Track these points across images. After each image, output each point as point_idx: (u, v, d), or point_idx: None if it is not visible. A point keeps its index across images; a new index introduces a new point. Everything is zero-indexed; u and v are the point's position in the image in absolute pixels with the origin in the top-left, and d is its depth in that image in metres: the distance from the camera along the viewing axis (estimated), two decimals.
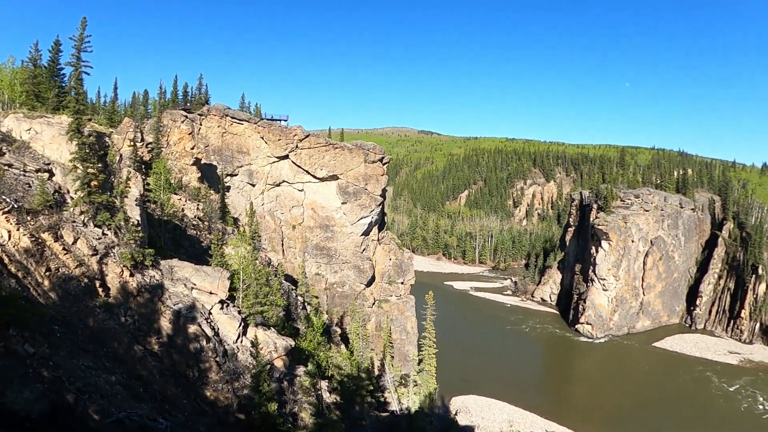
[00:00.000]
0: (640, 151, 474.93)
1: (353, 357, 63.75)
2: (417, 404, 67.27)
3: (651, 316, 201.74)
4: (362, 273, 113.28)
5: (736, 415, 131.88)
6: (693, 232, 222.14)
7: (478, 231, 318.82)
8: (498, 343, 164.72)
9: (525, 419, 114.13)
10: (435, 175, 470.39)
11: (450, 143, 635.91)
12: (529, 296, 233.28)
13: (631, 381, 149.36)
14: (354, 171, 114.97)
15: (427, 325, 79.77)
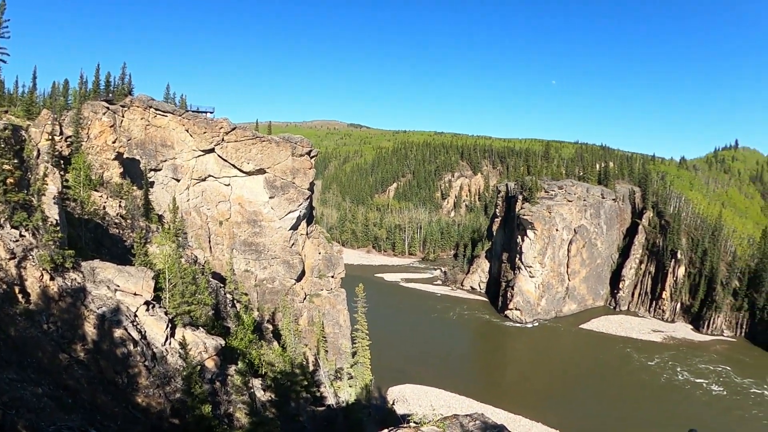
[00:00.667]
0: (564, 145, 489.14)
1: (286, 353, 62.77)
2: (353, 397, 67.17)
3: (577, 300, 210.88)
4: (292, 268, 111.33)
5: (657, 386, 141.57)
6: (614, 221, 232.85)
7: (407, 223, 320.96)
8: (431, 331, 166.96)
9: (461, 404, 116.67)
10: (364, 168, 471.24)
11: (379, 136, 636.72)
12: (458, 285, 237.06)
13: (559, 361, 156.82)
14: (281, 164, 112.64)
15: (359, 317, 79.64)
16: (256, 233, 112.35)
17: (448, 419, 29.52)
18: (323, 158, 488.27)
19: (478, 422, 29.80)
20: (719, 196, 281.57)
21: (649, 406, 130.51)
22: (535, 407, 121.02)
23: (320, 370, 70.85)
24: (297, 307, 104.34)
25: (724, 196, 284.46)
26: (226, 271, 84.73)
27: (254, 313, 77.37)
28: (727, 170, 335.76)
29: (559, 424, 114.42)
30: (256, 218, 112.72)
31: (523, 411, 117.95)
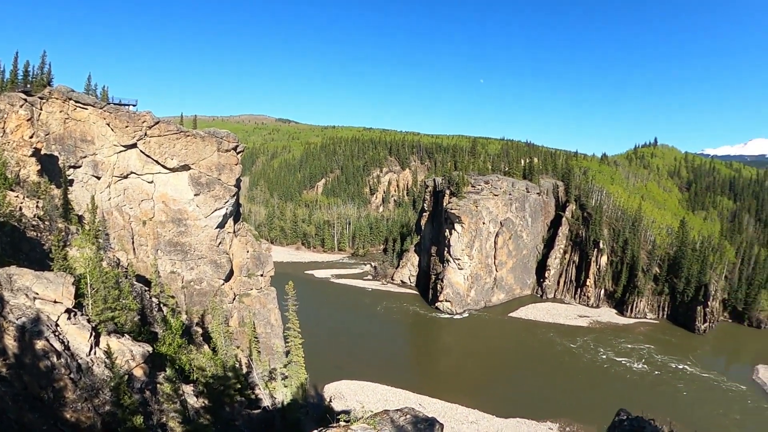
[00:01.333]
0: (490, 141, 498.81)
1: (217, 356, 60.53)
2: (289, 397, 65.85)
3: (505, 290, 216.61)
4: (220, 268, 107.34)
5: (585, 368, 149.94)
6: (539, 214, 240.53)
7: (336, 219, 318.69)
8: (364, 327, 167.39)
9: (398, 397, 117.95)
10: (292, 164, 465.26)
11: (308, 132, 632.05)
12: (389, 279, 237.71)
13: (491, 349, 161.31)
14: (207, 160, 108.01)
15: (290, 315, 78.13)
16: (182, 232, 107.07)
17: (379, 415, 29.29)
18: (251, 154, 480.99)
19: (408, 416, 29.67)
20: (639, 189, 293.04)
21: (580, 387, 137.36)
22: (470, 395, 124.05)
23: (254, 372, 69.06)
24: (227, 308, 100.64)
25: (643, 189, 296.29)
26: (150, 273, 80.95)
27: (182, 317, 74.54)
28: (646, 166, 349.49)
29: (495, 409, 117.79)
30: (181, 217, 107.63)
31: (459, 399, 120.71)
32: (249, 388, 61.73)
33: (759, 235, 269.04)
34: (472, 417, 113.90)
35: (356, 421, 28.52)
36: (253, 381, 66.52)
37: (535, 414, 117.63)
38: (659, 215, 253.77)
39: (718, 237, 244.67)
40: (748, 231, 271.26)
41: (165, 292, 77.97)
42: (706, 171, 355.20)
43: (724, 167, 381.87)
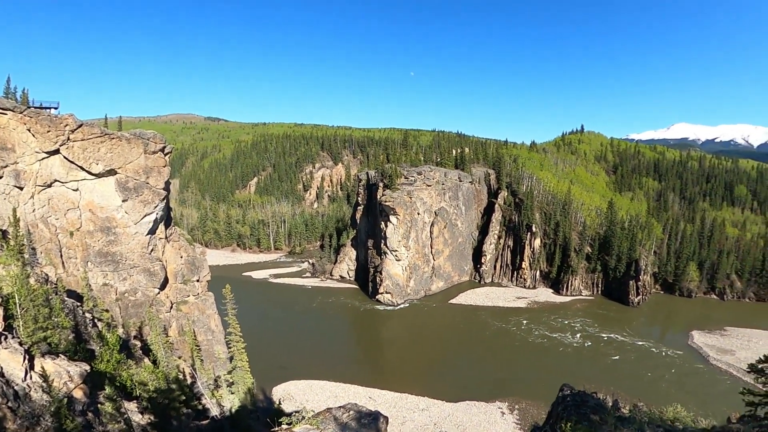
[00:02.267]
0: (422, 133, 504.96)
1: (159, 369, 58.36)
2: (237, 404, 64.41)
3: (443, 278, 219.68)
4: (154, 276, 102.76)
5: (528, 345, 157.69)
6: (472, 202, 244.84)
7: (270, 218, 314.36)
8: (307, 325, 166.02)
9: (347, 392, 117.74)
10: (223, 163, 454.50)
11: (238, 130, 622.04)
12: (327, 276, 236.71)
13: (435, 336, 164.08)
14: (133, 163, 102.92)
15: (230, 320, 76.30)
16: (111, 242, 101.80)
17: (321, 414, 28.94)
18: (180, 155, 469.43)
19: (352, 412, 29.39)
20: (568, 174, 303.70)
21: (525, 366, 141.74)
22: (419, 383, 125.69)
23: (198, 382, 67.16)
24: (164, 317, 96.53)
25: (572, 174, 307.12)
26: (82, 287, 77.22)
27: (119, 331, 71.47)
28: (574, 152, 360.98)
29: (444, 394, 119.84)
30: (109, 225, 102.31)
31: (408, 388, 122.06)
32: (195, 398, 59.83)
33: (684, 211, 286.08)
34: (422, 404, 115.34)
35: (299, 423, 28.01)
36: (198, 391, 64.65)
37: (484, 396, 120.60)
38: (588, 198, 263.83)
39: (645, 215, 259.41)
40: (673, 209, 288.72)
41: (98, 306, 74.49)
42: (632, 154, 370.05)
43: (648, 150, 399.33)
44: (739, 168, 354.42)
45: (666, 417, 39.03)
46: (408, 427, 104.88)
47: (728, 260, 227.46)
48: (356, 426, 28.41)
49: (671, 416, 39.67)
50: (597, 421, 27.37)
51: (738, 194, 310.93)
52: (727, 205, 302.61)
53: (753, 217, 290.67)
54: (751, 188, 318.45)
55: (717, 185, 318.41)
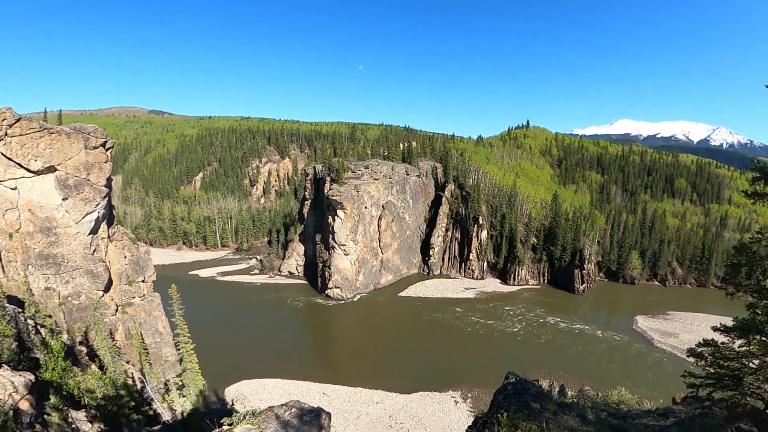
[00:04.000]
0: (369, 127, 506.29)
1: (106, 375, 56.83)
2: (189, 407, 63.30)
3: (392, 271, 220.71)
4: (97, 278, 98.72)
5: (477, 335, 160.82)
6: (420, 195, 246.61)
7: (216, 214, 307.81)
8: (257, 323, 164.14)
9: (300, 389, 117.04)
10: (167, 158, 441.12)
11: (183, 123, 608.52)
12: (276, 272, 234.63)
13: (386, 329, 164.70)
14: (74, 160, 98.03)
15: (177, 321, 74.98)
16: (53, 243, 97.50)
17: (263, 413, 28.83)
18: (122, 150, 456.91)
19: (294, 410, 29.35)
20: (513, 168, 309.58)
21: (475, 355, 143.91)
22: (372, 376, 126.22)
23: (147, 386, 65.64)
24: (110, 321, 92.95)
25: (517, 167, 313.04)
26: (23, 292, 74.38)
27: (63, 336, 69.00)
28: (519, 146, 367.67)
29: (398, 387, 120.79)
30: (50, 225, 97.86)
31: (362, 382, 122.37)
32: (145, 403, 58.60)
33: (626, 203, 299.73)
34: (376, 398, 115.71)
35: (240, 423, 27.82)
36: (148, 396, 63.31)
37: (437, 386, 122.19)
38: (533, 190, 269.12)
39: (588, 207, 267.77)
40: (615, 200, 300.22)
41: (41, 312, 71.77)
42: (575, 149, 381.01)
43: (592, 145, 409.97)
44: (679, 162, 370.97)
45: (611, 400, 40.26)
46: (363, 421, 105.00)
47: (669, 249, 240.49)
48: (298, 423, 28.40)
49: (616, 399, 40.74)
50: (537, 408, 27.64)
51: (678, 187, 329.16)
52: (667, 197, 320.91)
53: (692, 208, 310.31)
54: (690, 181, 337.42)
55: (658, 178, 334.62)
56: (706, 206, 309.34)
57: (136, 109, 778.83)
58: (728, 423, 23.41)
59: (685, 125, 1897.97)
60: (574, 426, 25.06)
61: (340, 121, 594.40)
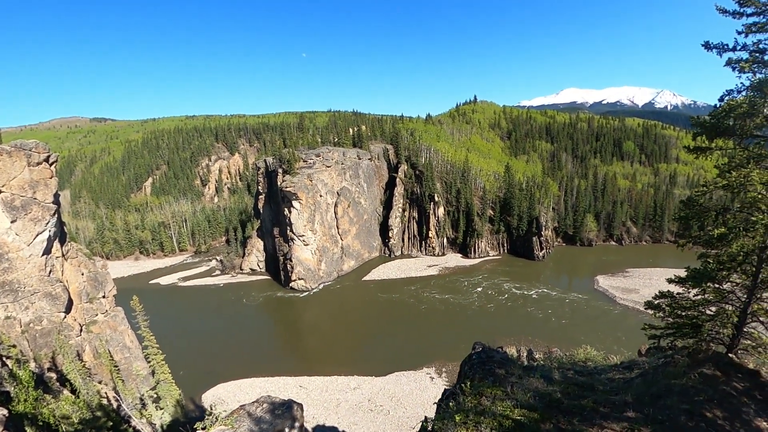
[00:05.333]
0: (317, 114, 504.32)
1: (80, 399, 56.07)
2: (168, 419, 62.79)
3: (354, 257, 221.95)
4: (57, 300, 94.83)
5: (441, 310, 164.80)
6: (373, 178, 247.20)
7: (170, 219, 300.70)
8: (225, 324, 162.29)
9: (277, 385, 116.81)
10: (114, 167, 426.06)
11: (127, 129, 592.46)
12: (238, 270, 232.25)
13: (354, 315, 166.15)
14: (18, 179, 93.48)
15: (144, 333, 73.96)
16: (6, 269, 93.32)
17: (235, 412, 29.12)
18: (68, 163, 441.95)
19: (265, 405, 29.69)
20: (464, 143, 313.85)
21: (445, 330, 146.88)
22: (346, 363, 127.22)
23: (123, 404, 64.54)
24: (75, 342, 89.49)
25: (468, 143, 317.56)
26: None
27: (31, 365, 67.34)
28: (468, 121, 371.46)
29: (373, 370, 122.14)
30: (1, 251, 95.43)
31: (337, 371, 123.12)
32: (123, 422, 57.81)
33: (577, 169, 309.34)
34: (353, 383, 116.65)
35: (213, 425, 28.04)
36: (125, 414, 62.44)
37: (411, 364, 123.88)
38: (485, 164, 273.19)
39: (541, 175, 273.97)
40: (567, 167, 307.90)
41: (4, 343, 69.99)
42: (524, 120, 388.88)
43: (539, 115, 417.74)
44: (626, 126, 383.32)
45: (578, 359, 41.51)
46: (343, 408, 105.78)
47: (622, 209, 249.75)
48: (270, 418, 28.72)
49: (582, 357, 41.92)
50: (502, 374, 27.93)
51: (626, 149, 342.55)
52: (617, 160, 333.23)
53: (642, 169, 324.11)
54: (638, 143, 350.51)
55: (606, 143, 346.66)
56: (655, 166, 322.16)
57: (77, 118, 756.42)
58: (690, 369, 24.23)
59: (630, 90, 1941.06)
60: (539, 387, 25.35)
61: (288, 111, 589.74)
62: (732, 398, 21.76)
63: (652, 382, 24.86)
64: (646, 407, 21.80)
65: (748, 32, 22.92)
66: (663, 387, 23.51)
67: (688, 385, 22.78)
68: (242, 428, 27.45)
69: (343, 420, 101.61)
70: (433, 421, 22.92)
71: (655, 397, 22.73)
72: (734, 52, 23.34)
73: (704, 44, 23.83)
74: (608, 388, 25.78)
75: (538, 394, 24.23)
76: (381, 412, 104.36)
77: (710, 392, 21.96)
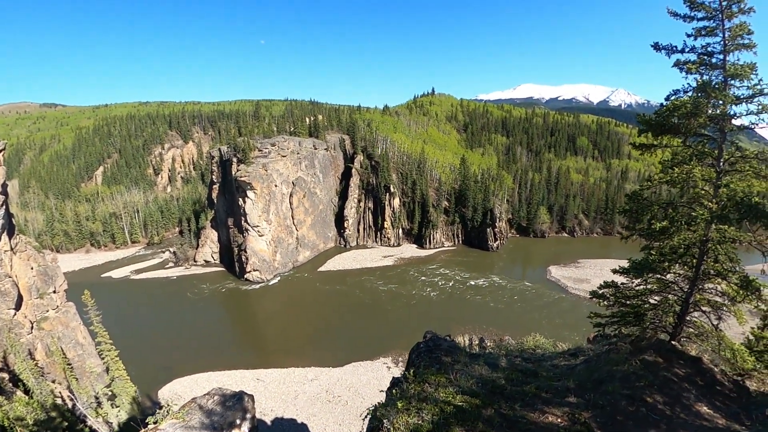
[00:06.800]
0: (274, 103, 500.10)
1: (33, 399, 55.11)
2: (125, 416, 62.01)
3: (309, 247, 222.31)
4: (5, 296, 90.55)
5: (397, 300, 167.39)
6: (329, 168, 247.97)
7: (122, 209, 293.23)
8: (179, 318, 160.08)
9: (234, 378, 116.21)
10: (64, 155, 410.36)
11: (78, 115, 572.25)
12: (191, 262, 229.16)
13: (310, 306, 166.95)
14: None
15: (96, 328, 72.30)
16: None
17: (186, 405, 29.43)
18: (16, 151, 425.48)
19: (216, 397, 30.16)
20: (421, 135, 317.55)
21: (402, 319, 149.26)
22: (303, 355, 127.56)
23: (78, 403, 63.46)
24: (27, 340, 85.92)
25: (424, 134, 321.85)
26: None
27: None
28: (426, 113, 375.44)
29: (330, 361, 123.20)
30: None
31: (294, 362, 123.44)
32: (79, 421, 57.06)
33: (531, 162, 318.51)
34: (311, 375, 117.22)
35: (164, 419, 28.27)
36: (80, 413, 61.63)
37: (368, 354, 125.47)
38: (441, 156, 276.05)
39: (496, 168, 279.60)
40: (521, 160, 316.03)
41: None
42: (480, 113, 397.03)
43: (496, 109, 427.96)
44: (580, 122, 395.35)
45: (527, 346, 42.48)
46: (301, 400, 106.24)
47: (575, 202, 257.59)
48: (221, 410, 29.14)
49: (531, 344, 43.01)
50: (449, 362, 28.27)
51: (580, 145, 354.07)
52: (570, 154, 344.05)
53: (594, 164, 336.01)
54: (591, 139, 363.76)
55: (561, 138, 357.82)
56: (608, 162, 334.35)
57: (26, 104, 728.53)
58: (632, 356, 25.16)
59: (586, 88, 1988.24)
60: (484, 374, 25.83)
61: (244, 99, 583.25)
62: (673, 384, 22.62)
63: (595, 368, 25.73)
64: (587, 393, 22.57)
65: (697, 35, 24.13)
66: (605, 373, 24.29)
67: (629, 371, 23.57)
68: (193, 421, 27.72)
69: (302, 412, 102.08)
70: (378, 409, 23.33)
71: (597, 382, 23.53)
72: (683, 53, 24.44)
73: (653, 45, 24.90)
74: (552, 375, 26.49)
75: (482, 380, 24.71)
76: (339, 402, 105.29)
77: (651, 378, 22.74)
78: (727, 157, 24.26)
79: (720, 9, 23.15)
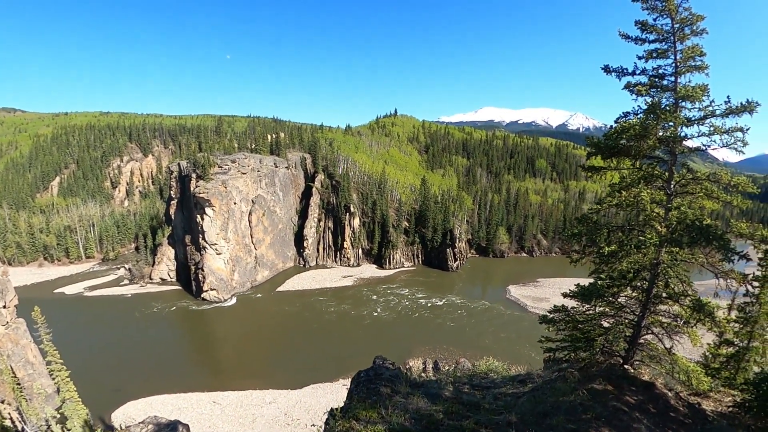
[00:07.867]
0: (236, 119, 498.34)
1: None
2: None
3: (268, 267, 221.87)
4: None
5: (356, 321, 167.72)
6: (290, 187, 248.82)
7: (77, 223, 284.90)
8: (133, 338, 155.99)
9: (189, 401, 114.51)
10: (20, 162, 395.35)
11: (37, 122, 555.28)
12: (147, 280, 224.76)
13: (268, 327, 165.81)
14: None
15: (46, 347, 70.57)
16: None
17: None
18: None
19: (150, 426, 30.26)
20: (382, 155, 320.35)
21: (361, 340, 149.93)
22: (261, 377, 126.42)
23: (27, 426, 62.32)
24: None
25: (386, 155, 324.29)
26: None
27: None
28: (388, 134, 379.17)
29: (288, 383, 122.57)
30: None
31: (252, 384, 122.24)
32: None
33: (491, 184, 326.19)
34: (269, 397, 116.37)
35: None
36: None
37: (327, 376, 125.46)
38: (402, 176, 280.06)
39: (456, 189, 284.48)
40: (481, 182, 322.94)
41: None
42: (442, 135, 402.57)
43: (457, 131, 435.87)
44: (539, 145, 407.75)
45: (479, 370, 41.74)
46: (259, 424, 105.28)
47: (533, 223, 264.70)
48: None
49: (484, 368, 42.19)
50: (387, 393, 26.91)
51: (539, 167, 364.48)
52: (529, 176, 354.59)
53: (552, 185, 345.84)
54: (550, 162, 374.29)
55: (520, 160, 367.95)
56: (566, 183, 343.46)
57: None
58: (581, 384, 24.51)
59: (545, 112, 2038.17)
60: (422, 407, 24.51)
61: (206, 113, 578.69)
62: (623, 414, 21.74)
63: (540, 399, 24.92)
64: (530, 427, 21.44)
65: (648, 57, 24.57)
66: (550, 405, 23.47)
67: (576, 403, 22.70)
68: None
69: None
70: None
71: (542, 416, 22.64)
72: (633, 75, 24.84)
73: (604, 68, 25.22)
74: (495, 407, 25.40)
75: (418, 415, 23.52)
76: (298, 425, 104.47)
77: (599, 409, 21.87)
78: (678, 179, 24.71)
79: (672, 31, 23.70)
